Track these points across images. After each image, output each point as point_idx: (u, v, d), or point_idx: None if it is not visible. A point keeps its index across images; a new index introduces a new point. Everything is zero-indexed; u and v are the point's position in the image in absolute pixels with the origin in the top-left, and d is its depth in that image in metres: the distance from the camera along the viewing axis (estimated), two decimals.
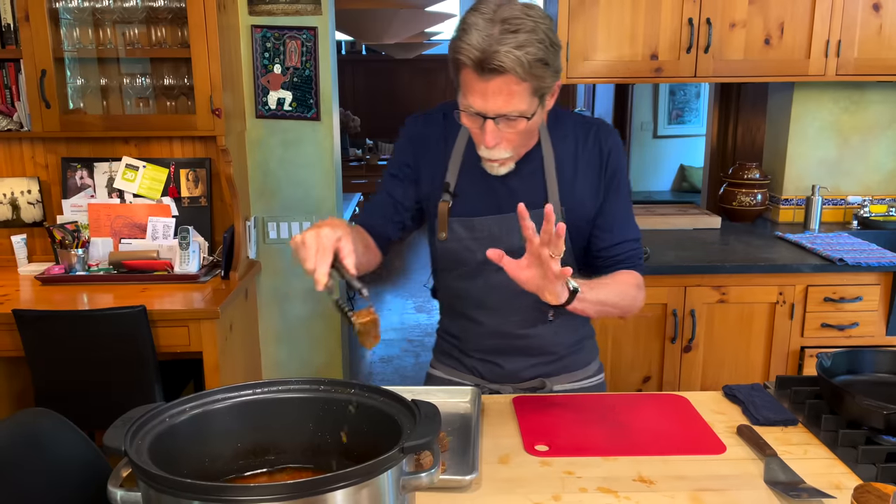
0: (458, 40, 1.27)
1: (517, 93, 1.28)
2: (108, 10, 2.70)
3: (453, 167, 1.50)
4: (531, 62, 1.24)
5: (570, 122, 1.52)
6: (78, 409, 1.87)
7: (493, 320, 1.55)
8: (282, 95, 2.96)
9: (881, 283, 2.57)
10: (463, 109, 1.34)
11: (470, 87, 1.30)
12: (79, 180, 2.91)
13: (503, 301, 1.52)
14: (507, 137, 1.35)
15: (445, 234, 1.50)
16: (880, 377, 1.49)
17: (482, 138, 1.34)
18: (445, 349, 1.68)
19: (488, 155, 1.38)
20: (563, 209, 1.47)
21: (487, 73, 1.25)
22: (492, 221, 1.48)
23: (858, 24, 2.68)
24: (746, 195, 3.14)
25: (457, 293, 1.58)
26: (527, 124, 1.33)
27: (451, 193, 1.49)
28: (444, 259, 1.55)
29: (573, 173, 1.49)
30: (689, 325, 2.59)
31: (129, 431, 0.94)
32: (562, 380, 1.62)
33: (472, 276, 1.53)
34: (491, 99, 1.28)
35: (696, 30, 2.66)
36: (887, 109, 3.10)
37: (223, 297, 2.55)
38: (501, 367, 1.59)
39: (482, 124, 1.32)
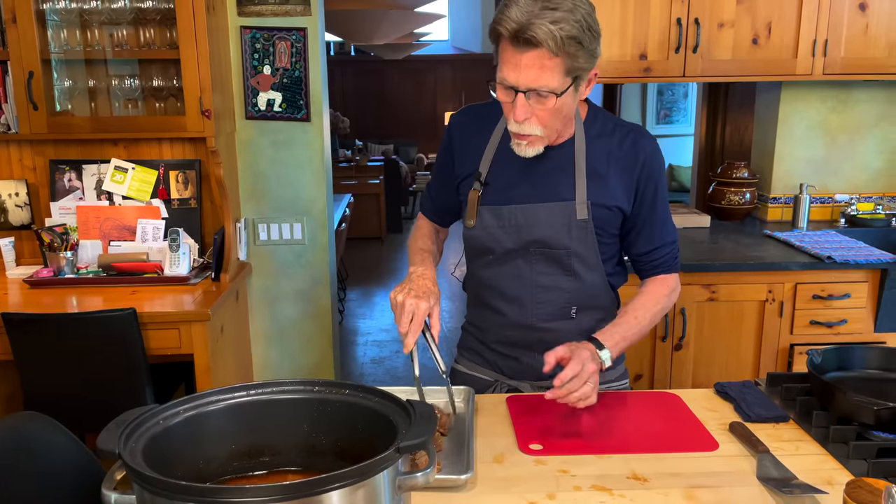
0: (500, 13, 1.32)
1: (549, 68, 1.31)
2: (96, 12, 2.69)
3: (487, 157, 1.55)
4: (564, 38, 1.28)
5: (608, 123, 1.54)
6: (68, 413, 1.86)
7: (516, 311, 1.56)
8: (271, 96, 2.95)
9: (869, 280, 2.59)
10: (498, 82, 1.37)
11: (505, 59, 1.34)
12: (67, 182, 2.89)
13: (526, 292, 1.55)
14: (537, 114, 1.37)
15: (474, 222, 1.54)
16: (870, 373, 1.50)
17: (513, 112, 1.37)
18: (468, 343, 1.71)
19: (517, 129, 1.40)
20: (588, 204, 1.49)
21: (522, 44, 1.30)
22: (518, 211, 1.51)
23: (845, 24, 2.70)
24: (735, 194, 3.16)
25: (482, 282, 1.61)
26: (557, 102, 1.35)
27: (481, 182, 1.53)
28: (471, 246, 1.59)
29: (605, 172, 1.51)
30: (679, 323, 2.60)
31: (122, 434, 0.93)
32: None
33: (498, 264, 1.56)
34: (524, 71, 1.32)
35: (684, 30, 2.67)
36: (874, 108, 3.13)
37: (214, 299, 2.54)
38: (520, 363, 1.60)
39: (514, 98, 1.36)
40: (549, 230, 1.49)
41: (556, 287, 1.53)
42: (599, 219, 1.50)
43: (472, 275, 1.65)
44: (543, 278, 1.53)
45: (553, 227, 1.49)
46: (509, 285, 1.56)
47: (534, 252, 1.52)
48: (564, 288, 1.53)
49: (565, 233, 1.49)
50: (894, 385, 1.45)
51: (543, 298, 1.54)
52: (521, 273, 1.54)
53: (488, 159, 1.54)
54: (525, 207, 1.50)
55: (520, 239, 1.51)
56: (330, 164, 3.22)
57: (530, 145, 1.42)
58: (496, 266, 1.56)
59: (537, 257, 1.52)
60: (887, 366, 1.49)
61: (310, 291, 3.17)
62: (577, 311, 1.56)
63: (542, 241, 1.50)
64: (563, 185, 1.50)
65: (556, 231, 1.49)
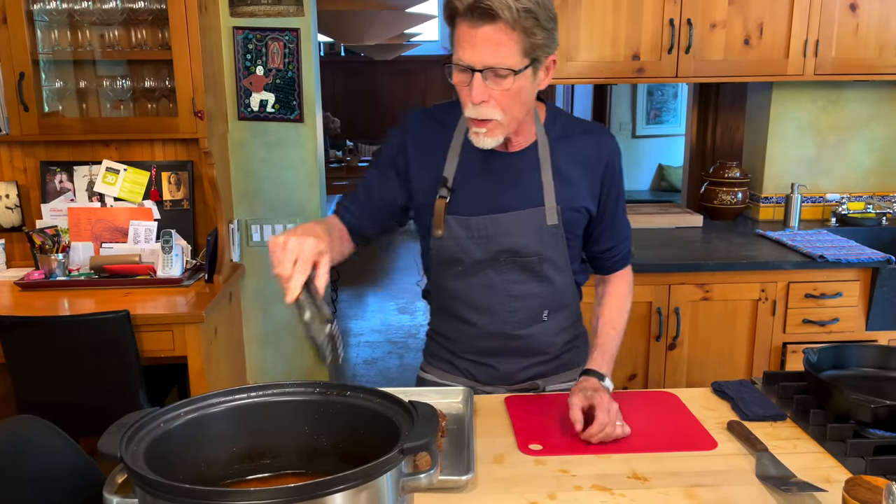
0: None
1: (505, 44, 1.27)
2: (87, 12, 2.67)
3: (451, 163, 1.49)
4: (520, 10, 1.25)
5: (569, 124, 1.53)
6: (61, 416, 1.83)
7: (488, 321, 1.54)
8: (264, 97, 2.94)
9: (860, 279, 2.61)
10: (454, 62, 1.32)
11: (461, 37, 1.30)
12: (58, 184, 2.87)
13: (499, 301, 1.52)
14: (494, 96, 1.32)
15: (442, 232, 1.48)
16: (865, 371, 1.51)
17: (469, 94, 1.32)
18: (436, 351, 1.66)
19: (475, 114, 1.34)
20: (558, 209, 1.48)
21: (477, 17, 1.26)
22: (488, 221, 1.47)
23: (836, 24, 2.72)
24: (727, 194, 3.17)
25: (451, 293, 1.56)
26: (515, 83, 1.31)
27: (448, 189, 1.47)
28: (439, 257, 1.53)
29: (571, 174, 1.49)
30: (673, 322, 2.61)
31: (124, 437, 0.92)
32: (556, 380, 1.62)
33: (467, 275, 1.52)
34: (479, 47, 1.28)
35: (677, 30, 2.68)
36: (864, 108, 3.15)
37: (207, 301, 2.53)
38: (495, 369, 1.59)
39: (470, 79, 1.31)
40: (519, 238, 1.47)
41: (527, 294, 1.52)
42: (568, 222, 1.50)
43: (439, 286, 1.59)
44: (515, 286, 1.51)
45: (524, 234, 1.47)
46: (480, 296, 1.52)
47: (504, 261, 1.49)
48: (536, 293, 1.53)
49: (536, 239, 1.47)
50: (890, 383, 1.46)
51: (515, 307, 1.52)
52: (492, 283, 1.51)
53: (452, 165, 1.48)
54: (494, 217, 1.46)
55: (489, 249, 1.48)
56: (323, 165, 3.21)
57: (489, 134, 1.36)
58: (465, 277, 1.52)
59: (508, 266, 1.49)
60: (883, 364, 1.50)
61: None
62: (548, 314, 1.56)
63: (512, 249, 1.48)
64: (530, 192, 1.47)
65: (527, 239, 1.47)
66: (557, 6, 2.64)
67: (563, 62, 2.70)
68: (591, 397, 1.36)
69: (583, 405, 1.36)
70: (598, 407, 1.34)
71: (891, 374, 1.48)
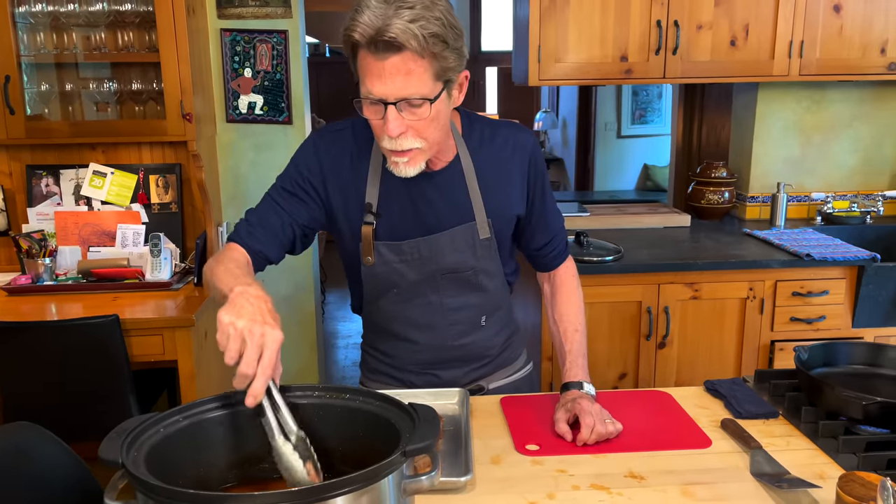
0: (352, 20, 1.20)
1: (415, 72, 1.20)
2: (73, 14, 2.65)
3: (372, 186, 1.42)
4: (426, 36, 1.18)
5: (486, 128, 1.49)
6: (50, 423, 1.81)
7: (427, 336, 1.53)
8: (253, 99, 2.93)
9: (846, 276, 2.64)
10: (363, 97, 1.24)
11: (367, 70, 1.21)
12: (44, 188, 2.84)
13: (438, 317, 1.52)
14: (412, 126, 1.26)
15: (372, 258, 1.44)
16: (855, 368, 1.53)
17: (385, 128, 1.25)
18: (375, 366, 1.63)
19: (393, 146, 1.27)
20: (489, 221, 1.46)
21: (382, 50, 1.18)
22: (420, 243, 1.44)
23: (820, 25, 2.75)
24: (714, 193, 3.20)
25: (388, 315, 1.54)
26: (432, 110, 1.25)
27: (374, 214, 1.42)
28: (373, 283, 1.49)
29: (496, 180, 1.46)
30: (663, 321, 2.63)
31: (124, 443, 0.92)
32: (496, 378, 1.63)
33: (406, 298, 1.50)
34: (389, 80, 1.20)
35: (664, 32, 2.70)
36: (847, 108, 3.19)
37: (197, 305, 2.51)
38: (438, 378, 1.58)
39: (384, 112, 1.23)
40: (453, 256, 1.45)
41: (465, 305, 1.52)
42: (500, 231, 1.49)
43: (375, 308, 1.55)
44: (452, 301, 1.50)
45: (458, 252, 1.45)
46: (420, 314, 1.51)
47: (440, 279, 1.48)
48: (473, 303, 1.53)
49: (471, 255, 1.46)
50: (880, 380, 1.48)
51: (455, 319, 1.52)
52: (430, 301, 1.49)
53: (374, 187, 1.42)
54: (426, 240, 1.43)
55: (425, 270, 1.46)
56: None
57: (411, 163, 1.30)
58: (405, 300, 1.50)
59: (444, 283, 1.48)
60: (872, 361, 1.52)
61: (293, 297, 3.15)
62: (486, 319, 1.56)
63: (448, 267, 1.46)
64: (460, 208, 1.44)
65: (462, 255, 1.46)
66: (545, 8, 2.68)
67: (551, 63, 2.71)
68: (571, 408, 1.36)
69: (566, 419, 1.36)
70: (580, 413, 1.34)
71: (880, 371, 1.50)
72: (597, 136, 7.09)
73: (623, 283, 2.59)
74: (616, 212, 3.24)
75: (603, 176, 7.17)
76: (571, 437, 1.33)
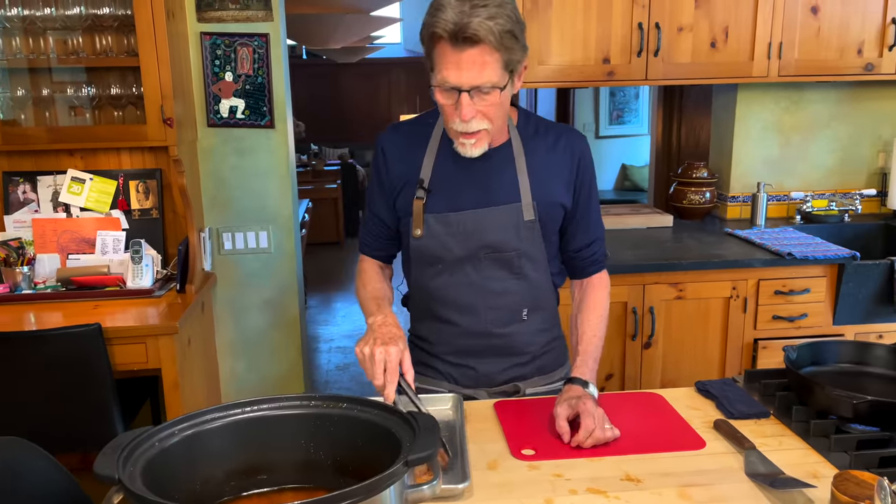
0: (433, 17, 1.32)
1: (489, 64, 1.32)
2: (50, 19, 2.60)
3: (427, 164, 1.53)
4: (501, 32, 1.30)
5: (541, 125, 1.58)
6: (31, 434, 1.77)
7: (468, 320, 1.57)
8: (234, 103, 2.90)
9: (827, 275, 2.68)
10: (438, 85, 1.36)
11: (445, 60, 1.34)
12: (21, 195, 2.79)
13: (479, 299, 1.55)
14: (481, 110, 1.37)
15: (421, 231, 1.52)
16: (843, 367, 1.55)
17: (458, 112, 1.36)
18: (416, 357, 1.65)
19: (464, 128, 1.39)
20: (534, 204, 1.51)
21: (462, 42, 1.30)
22: (467, 217, 1.50)
23: (798, 27, 2.78)
24: (696, 193, 3.23)
25: (431, 294, 1.59)
26: (500, 97, 1.36)
27: (425, 189, 1.51)
28: (420, 257, 1.56)
29: (544, 172, 1.53)
30: (648, 321, 2.65)
31: (119, 458, 0.90)
32: (535, 382, 1.64)
33: (448, 272, 1.55)
34: (465, 70, 1.32)
35: (645, 34, 2.72)
36: (825, 108, 3.23)
37: (180, 312, 2.48)
38: (475, 370, 1.60)
39: (457, 99, 1.35)
40: (498, 234, 1.50)
41: (506, 291, 1.55)
42: (545, 217, 1.53)
43: (418, 288, 1.62)
44: (494, 283, 1.54)
45: (502, 230, 1.50)
46: (461, 294, 1.56)
47: (483, 257, 1.52)
48: (514, 291, 1.56)
49: (514, 234, 1.51)
50: (868, 378, 1.50)
51: (496, 304, 1.55)
52: (472, 280, 1.54)
53: (429, 167, 1.53)
54: (473, 213, 1.50)
55: (469, 245, 1.51)
56: (295, 171, 3.18)
57: (478, 144, 1.42)
58: (445, 275, 1.55)
59: (487, 262, 1.53)
60: (860, 359, 1.54)
61: (277, 301, 3.12)
62: (528, 313, 1.58)
63: (492, 245, 1.51)
64: (507, 188, 1.51)
65: (506, 234, 1.51)
66: (528, 10, 2.69)
67: (534, 66, 2.72)
68: (575, 406, 1.37)
69: (567, 415, 1.37)
70: (582, 413, 1.35)
71: (868, 369, 1.52)
72: None
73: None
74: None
75: None
76: (569, 437, 1.33)
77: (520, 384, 1.62)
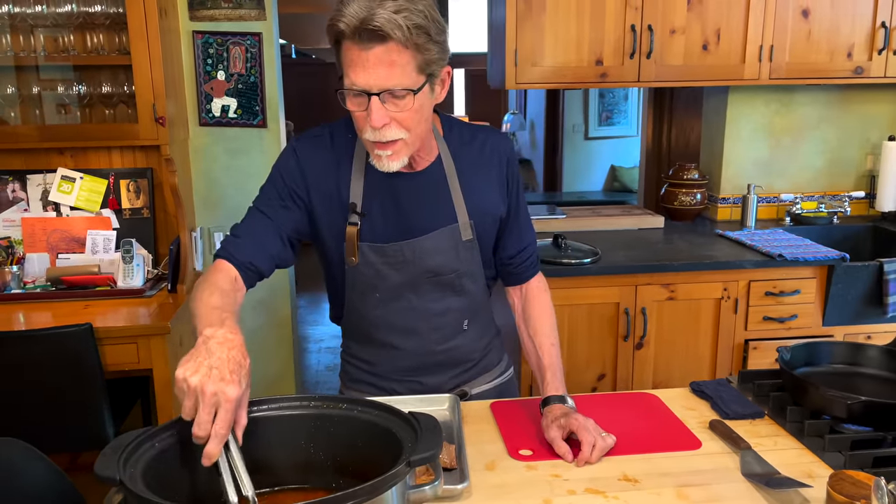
0: (337, 11, 1.22)
1: (399, 64, 1.22)
2: (41, 16, 2.58)
3: (355, 187, 1.42)
4: (410, 27, 1.20)
5: (465, 130, 1.51)
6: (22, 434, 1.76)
7: (412, 343, 1.52)
8: (226, 102, 2.89)
9: (817, 276, 2.70)
10: (347, 88, 1.25)
11: (351, 61, 1.23)
12: (10, 193, 2.76)
13: (421, 322, 1.51)
14: (395, 117, 1.26)
15: (356, 259, 1.44)
16: (836, 368, 1.56)
17: (368, 119, 1.25)
18: (355, 375, 1.62)
19: (377, 137, 1.27)
20: (471, 223, 1.46)
21: (367, 39, 1.20)
22: (404, 247, 1.44)
23: (789, 30, 2.81)
24: (686, 195, 3.24)
25: (371, 321, 1.52)
26: (415, 102, 1.26)
27: (358, 214, 1.41)
28: (356, 284, 1.48)
29: (477, 181, 1.47)
30: (640, 322, 2.66)
31: (120, 459, 0.90)
32: (478, 383, 1.63)
33: (388, 300, 1.49)
34: (372, 70, 1.21)
35: (638, 36, 2.73)
36: (814, 111, 3.26)
37: (172, 312, 2.47)
38: (422, 384, 1.57)
39: (367, 104, 1.24)
40: (437, 258, 1.45)
41: (448, 309, 1.52)
42: (481, 233, 1.49)
43: (357, 314, 1.53)
44: (434, 305, 1.50)
45: (441, 254, 1.45)
46: (403, 318, 1.50)
47: (423, 283, 1.47)
48: (456, 308, 1.52)
49: (453, 257, 1.46)
50: (861, 378, 1.51)
51: (438, 324, 1.52)
52: (413, 305, 1.49)
53: (358, 188, 1.41)
54: (410, 243, 1.43)
55: (407, 273, 1.45)
56: None
57: (394, 156, 1.30)
58: (387, 302, 1.49)
59: (427, 287, 1.48)
60: (853, 360, 1.55)
61: (268, 301, 3.11)
62: (468, 323, 1.56)
63: (431, 269, 1.46)
64: (442, 209, 1.44)
65: (445, 257, 1.46)
66: (522, 12, 2.69)
67: (527, 67, 2.72)
68: (565, 425, 1.33)
69: (563, 436, 1.32)
70: (578, 430, 1.31)
71: (861, 369, 1.53)
72: (564, 138, 7.15)
73: (601, 284, 2.61)
74: (591, 214, 3.26)
75: (571, 177, 7.23)
76: (572, 457, 1.29)
77: (465, 388, 1.60)
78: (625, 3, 2.71)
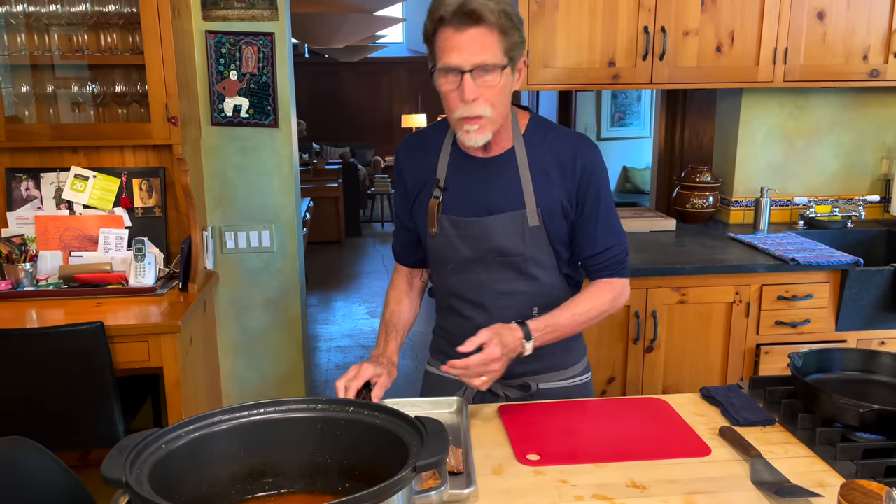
0: (437, 2, 1.39)
1: (490, 43, 1.38)
2: (55, 16, 2.60)
3: (442, 166, 1.58)
4: (500, 12, 1.37)
5: (551, 131, 1.57)
6: (32, 432, 1.78)
7: (482, 316, 1.59)
8: (238, 102, 2.90)
9: (830, 280, 2.67)
10: (441, 68, 1.41)
11: (447, 43, 1.39)
12: (24, 191, 2.78)
13: (490, 298, 1.59)
14: (483, 94, 1.41)
15: (435, 230, 1.56)
16: (849, 375, 1.54)
17: (461, 94, 1.40)
18: (440, 346, 1.74)
19: (465, 112, 1.41)
20: (538, 211, 1.52)
21: (463, 21, 1.36)
22: (474, 224, 1.54)
23: (804, 32, 2.78)
24: (699, 198, 3.22)
25: (448, 289, 1.64)
26: (501, 79, 1.41)
27: (441, 188, 1.56)
28: (435, 254, 1.62)
29: (547, 179, 1.53)
30: (651, 326, 2.64)
31: (127, 461, 0.90)
32: (548, 378, 1.64)
33: (459, 271, 1.59)
34: (466, 49, 1.37)
35: (651, 37, 2.72)
36: (829, 114, 3.23)
37: (182, 310, 2.48)
38: None
39: (460, 81, 1.39)
40: (504, 239, 1.53)
41: (514, 291, 1.58)
42: (550, 222, 1.54)
43: (438, 282, 1.68)
44: (501, 284, 1.57)
45: (507, 236, 1.53)
46: (472, 291, 1.60)
47: (491, 260, 1.56)
48: (523, 291, 1.58)
49: (519, 240, 1.53)
50: (874, 386, 1.50)
51: (504, 303, 1.58)
52: (481, 280, 1.58)
53: (444, 167, 1.58)
54: (479, 221, 1.54)
55: (477, 248, 1.55)
56: (298, 171, 3.18)
57: (480, 130, 1.44)
58: (458, 274, 1.60)
59: (495, 265, 1.56)
60: (865, 367, 1.53)
61: (279, 300, 3.12)
62: (538, 312, 1.58)
63: (498, 249, 1.54)
64: (511, 195, 1.53)
65: (512, 240, 1.53)
66: (534, 13, 2.69)
67: (540, 68, 2.71)
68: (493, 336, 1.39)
69: (485, 339, 1.38)
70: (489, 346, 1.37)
71: (874, 377, 1.52)
72: None
73: None
74: None
75: None
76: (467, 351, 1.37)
77: (531, 382, 1.62)
78: (637, 4, 2.70)
